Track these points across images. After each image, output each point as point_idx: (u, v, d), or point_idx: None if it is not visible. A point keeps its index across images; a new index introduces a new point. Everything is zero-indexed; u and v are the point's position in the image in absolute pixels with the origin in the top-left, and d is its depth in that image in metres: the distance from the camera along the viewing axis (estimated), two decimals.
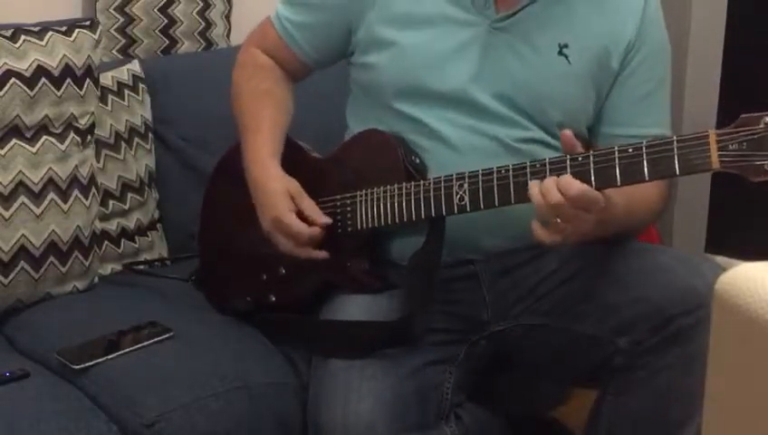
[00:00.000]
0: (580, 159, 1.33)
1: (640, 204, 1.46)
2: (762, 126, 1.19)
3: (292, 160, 1.62)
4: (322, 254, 1.56)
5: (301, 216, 1.54)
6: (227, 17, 2.28)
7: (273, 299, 1.66)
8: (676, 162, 1.25)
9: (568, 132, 1.34)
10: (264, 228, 1.59)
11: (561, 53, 1.50)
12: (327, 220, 1.55)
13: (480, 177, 1.41)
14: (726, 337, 0.79)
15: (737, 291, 0.76)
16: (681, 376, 1.36)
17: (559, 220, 1.31)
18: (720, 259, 1.51)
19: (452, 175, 1.44)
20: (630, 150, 1.28)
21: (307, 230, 1.53)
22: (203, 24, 2.21)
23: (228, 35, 2.28)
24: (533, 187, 1.32)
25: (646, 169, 1.27)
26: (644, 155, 1.27)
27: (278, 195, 1.55)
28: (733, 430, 0.80)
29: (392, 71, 1.55)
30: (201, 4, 2.20)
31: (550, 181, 1.30)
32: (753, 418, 0.77)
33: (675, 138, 1.26)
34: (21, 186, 1.74)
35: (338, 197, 1.57)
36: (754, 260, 0.78)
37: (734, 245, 1.95)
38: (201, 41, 2.22)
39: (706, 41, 2.69)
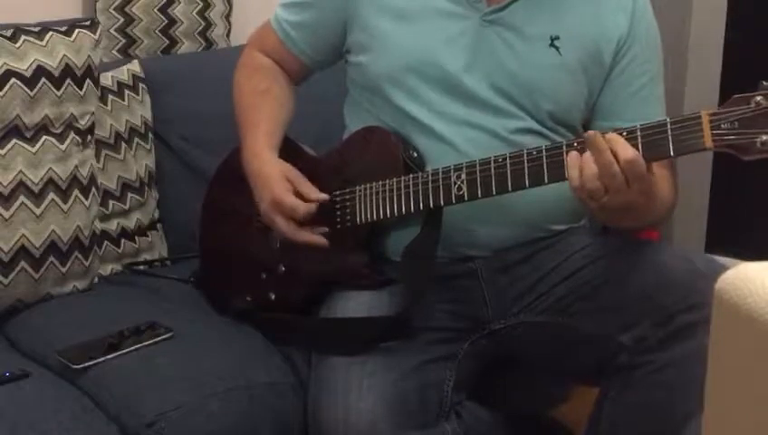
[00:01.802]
0: (575, 144, 1.34)
1: (660, 202, 1.44)
2: (753, 105, 1.22)
3: (291, 159, 1.63)
4: (321, 239, 1.56)
5: (298, 196, 1.55)
6: (227, 17, 2.28)
7: (273, 298, 1.67)
8: (671, 143, 1.26)
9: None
10: (263, 215, 1.59)
11: (551, 44, 1.52)
12: (323, 196, 1.55)
13: (478, 166, 1.42)
14: (726, 337, 0.79)
15: (737, 291, 0.75)
16: (685, 372, 1.36)
17: (597, 187, 1.28)
18: (720, 259, 1.51)
19: (450, 166, 1.45)
20: (625, 134, 1.29)
21: (303, 206, 1.54)
22: (203, 24, 2.21)
23: (228, 35, 2.28)
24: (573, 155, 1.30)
25: (641, 152, 1.28)
26: (639, 138, 1.28)
27: (274, 178, 1.57)
28: (733, 430, 0.80)
29: (385, 62, 1.56)
30: (201, 4, 2.20)
31: (602, 142, 1.27)
32: (754, 418, 0.76)
33: (668, 119, 1.28)
34: (21, 186, 1.74)
35: (337, 192, 1.58)
36: (754, 260, 0.78)
37: (734, 245, 1.95)
38: (201, 41, 2.22)
39: (706, 39, 2.69)
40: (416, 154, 1.54)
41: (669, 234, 2.75)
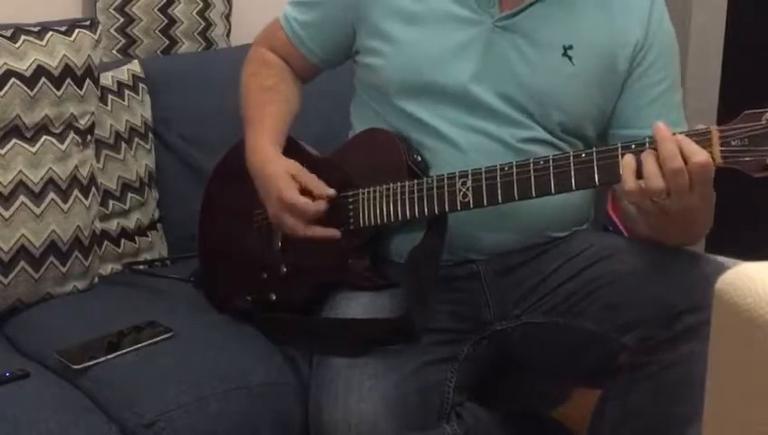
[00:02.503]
0: (583, 155, 1.33)
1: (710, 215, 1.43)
2: (763, 122, 1.21)
3: (294, 159, 1.62)
4: (335, 232, 1.55)
5: (305, 193, 1.54)
6: (227, 17, 2.28)
7: (274, 298, 1.66)
8: None
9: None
10: (270, 214, 1.58)
11: (564, 54, 1.50)
12: (331, 192, 1.53)
13: (483, 174, 1.42)
14: (726, 337, 0.79)
15: (737, 291, 0.75)
16: (688, 373, 1.35)
17: (660, 186, 1.25)
18: (720, 259, 1.51)
19: (455, 172, 1.45)
20: (633, 146, 1.29)
21: (312, 205, 1.53)
22: (203, 24, 2.21)
23: (228, 35, 2.28)
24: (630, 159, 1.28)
25: None
26: (647, 151, 1.27)
27: (279, 176, 1.55)
28: (732, 430, 0.80)
29: (394, 67, 1.56)
30: (201, 4, 2.20)
31: (672, 146, 1.24)
32: (754, 418, 0.77)
33: (677, 134, 1.27)
34: (21, 186, 1.74)
35: (340, 195, 1.57)
36: (754, 260, 0.78)
37: (734, 245, 1.94)
38: (201, 41, 2.22)
39: (706, 41, 2.69)
40: (420, 158, 1.54)
41: None
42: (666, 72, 1.55)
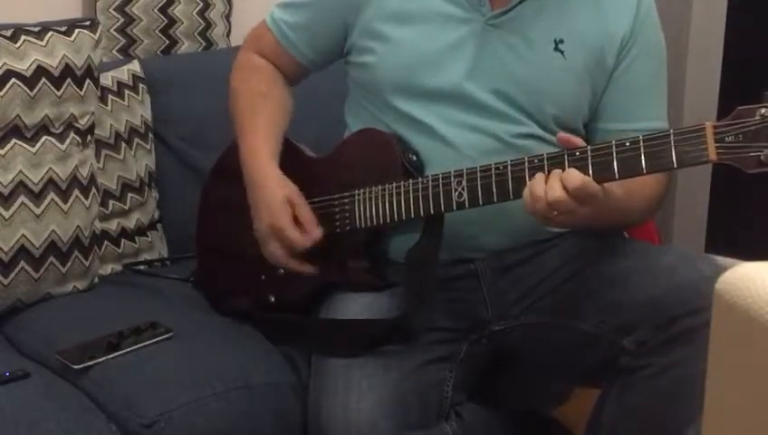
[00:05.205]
0: (577, 153, 1.34)
1: (637, 196, 1.47)
2: (758, 117, 1.21)
3: (290, 160, 1.62)
4: (311, 270, 1.57)
5: (296, 222, 1.55)
6: (227, 17, 2.28)
7: (273, 300, 1.66)
8: (674, 155, 1.27)
9: (562, 135, 1.35)
10: (256, 231, 1.59)
11: (556, 48, 1.51)
12: (319, 234, 1.55)
13: (478, 173, 1.42)
14: (726, 337, 0.79)
15: (737, 291, 0.76)
16: (685, 375, 1.35)
17: (555, 213, 1.33)
18: (720, 259, 1.51)
19: (450, 172, 1.45)
20: (628, 144, 1.30)
21: (300, 240, 1.54)
22: (203, 24, 2.22)
23: (228, 35, 2.28)
24: (527, 187, 1.35)
25: (643, 163, 1.28)
26: (641, 148, 1.29)
27: (277, 203, 1.55)
28: (733, 430, 0.80)
29: (388, 67, 1.56)
30: (201, 4, 2.20)
31: (553, 177, 1.32)
32: (754, 418, 0.77)
33: (672, 131, 1.28)
34: (21, 186, 1.74)
35: (336, 196, 1.57)
36: (754, 260, 0.78)
37: (734, 245, 1.95)
38: (201, 41, 2.22)
39: (706, 40, 2.69)
40: (415, 158, 1.54)
41: (669, 234, 2.75)
42: (649, 65, 1.56)
